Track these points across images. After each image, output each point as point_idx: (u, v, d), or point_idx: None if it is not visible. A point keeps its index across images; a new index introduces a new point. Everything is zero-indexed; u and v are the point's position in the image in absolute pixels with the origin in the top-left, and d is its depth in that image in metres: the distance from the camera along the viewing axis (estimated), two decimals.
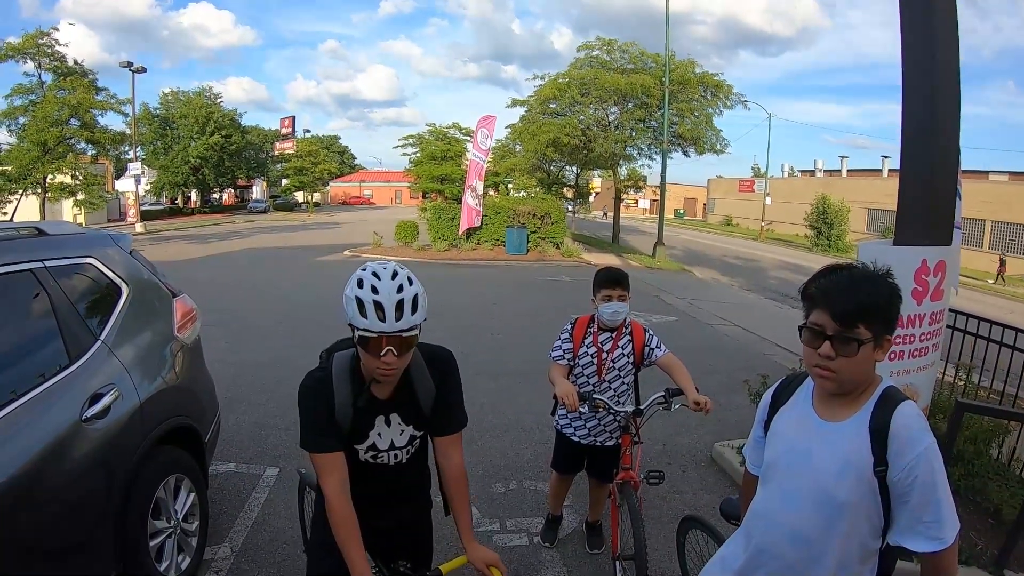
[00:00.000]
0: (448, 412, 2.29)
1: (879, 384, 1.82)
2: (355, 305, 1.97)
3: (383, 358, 1.98)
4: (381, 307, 1.95)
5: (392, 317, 1.95)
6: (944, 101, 3.83)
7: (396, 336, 1.97)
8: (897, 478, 1.69)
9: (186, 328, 4.07)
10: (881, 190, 42.59)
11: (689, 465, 5.59)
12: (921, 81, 3.86)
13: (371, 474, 2.24)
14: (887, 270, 1.80)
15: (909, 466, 1.67)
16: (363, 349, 2.01)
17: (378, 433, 2.20)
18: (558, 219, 25.49)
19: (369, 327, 1.95)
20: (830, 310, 1.73)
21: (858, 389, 1.81)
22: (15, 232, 3.25)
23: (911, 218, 3.93)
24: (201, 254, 23.84)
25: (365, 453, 2.22)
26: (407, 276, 2.05)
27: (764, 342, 11.17)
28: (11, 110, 30.68)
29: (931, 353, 4.01)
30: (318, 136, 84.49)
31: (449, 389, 2.29)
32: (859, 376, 1.77)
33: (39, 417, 2.68)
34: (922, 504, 1.67)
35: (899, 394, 1.80)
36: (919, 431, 1.71)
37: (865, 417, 1.77)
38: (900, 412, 1.73)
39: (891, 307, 1.76)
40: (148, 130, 51.69)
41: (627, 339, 3.70)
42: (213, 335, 8.03)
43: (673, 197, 66.02)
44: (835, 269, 1.82)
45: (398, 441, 2.24)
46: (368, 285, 1.98)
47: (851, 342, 1.71)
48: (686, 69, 28.11)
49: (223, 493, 4.74)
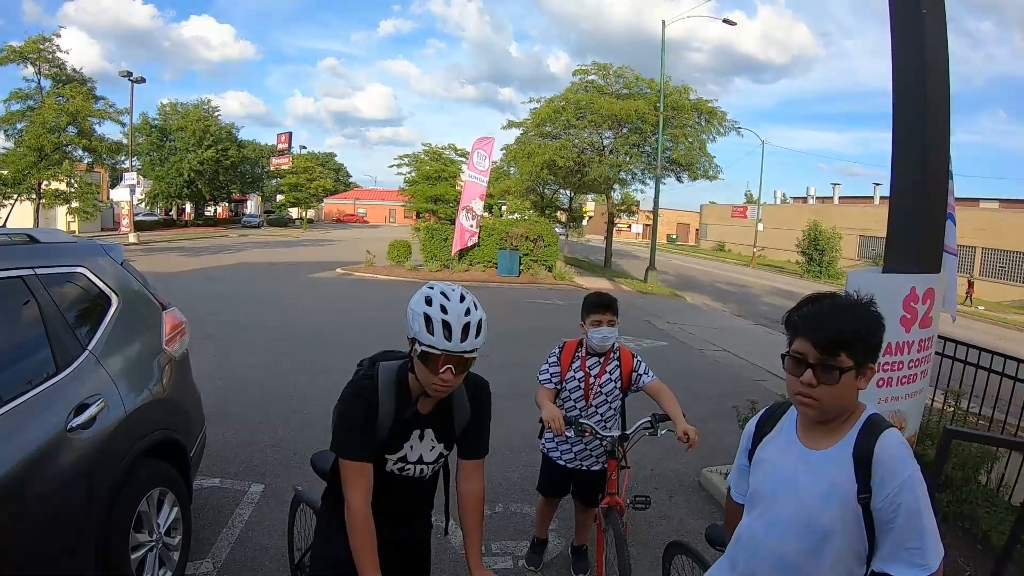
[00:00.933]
0: (478, 437, 2.38)
1: (863, 412, 1.84)
2: (423, 321, 2.04)
3: (441, 375, 2.05)
4: (449, 327, 2.02)
5: (458, 337, 2.03)
6: (934, 129, 3.87)
7: (458, 356, 2.04)
8: (881, 505, 1.69)
9: (175, 341, 4.05)
10: (872, 217, 42.97)
11: (676, 490, 5.58)
12: (912, 109, 3.89)
13: (392, 486, 2.28)
14: (870, 298, 1.82)
15: (893, 493, 1.68)
16: (422, 364, 2.07)
17: (411, 446, 2.27)
18: (551, 242, 25.52)
19: (435, 344, 2.02)
20: (812, 338, 1.75)
21: (841, 417, 1.82)
22: (7, 238, 3.25)
23: (900, 245, 3.95)
24: (193, 267, 23.77)
25: (394, 464, 2.26)
26: (473, 301, 2.13)
27: (754, 368, 11.19)
28: (9, 115, 30.54)
29: (919, 380, 4.02)
30: (314, 152, 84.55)
31: (482, 415, 2.38)
32: (841, 404, 1.79)
33: (24, 424, 2.66)
34: (906, 531, 1.68)
35: (883, 421, 1.81)
36: (903, 459, 1.72)
37: (849, 445, 1.78)
38: (884, 440, 1.74)
39: (873, 336, 1.77)
40: (145, 140, 51.65)
41: (615, 364, 3.71)
42: (202, 349, 8.00)
43: (666, 222, 66.36)
44: (818, 298, 1.84)
45: (427, 456, 2.30)
46: (437, 304, 2.05)
47: (832, 370, 1.72)
48: (681, 95, 28.35)
49: (207, 508, 4.70)
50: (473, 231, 24.33)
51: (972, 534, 4.52)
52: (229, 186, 60.07)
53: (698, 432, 3.33)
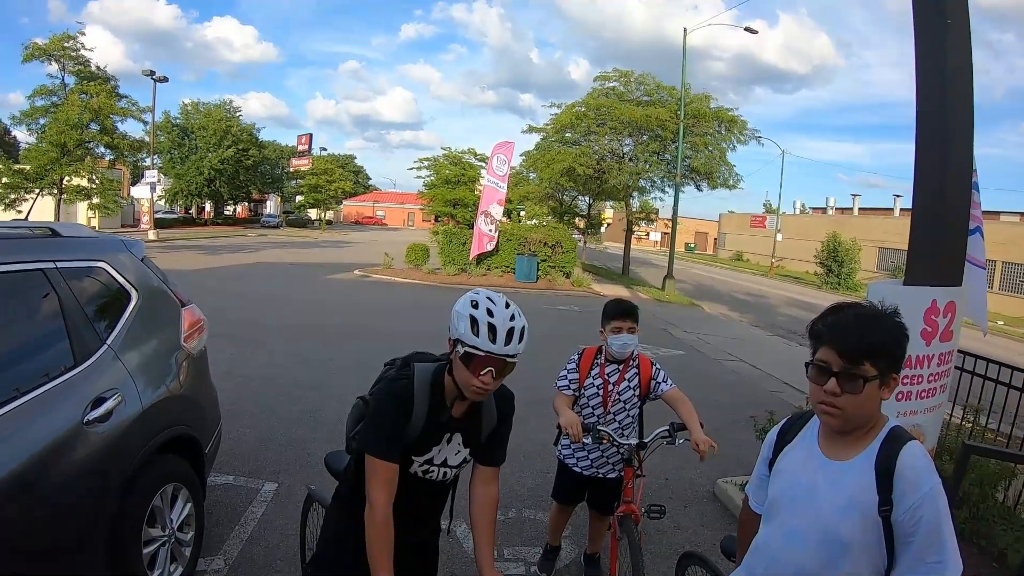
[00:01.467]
0: (499, 445, 2.42)
1: (885, 423, 1.82)
2: (468, 322, 2.08)
3: (482, 377, 2.09)
4: (494, 330, 2.07)
5: (503, 340, 2.08)
6: (957, 141, 3.83)
7: (500, 359, 2.09)
8: (902, 518, 1.67)
9: (193, 338, 4.07)
10: (892, 229, 42.61)
11: (691, 500, 5.53)
12: (935, 120, 3.86)
13: (413, 488, 2.28)
14: (894, 309, 1.81)
15: (914, 507, 1.66)
16: (463, 365, 2.10)
17: (438, 449, 2.28)
18: (569, 248, 25.48)
19: (479, 345, 2.05)
20: (836, 347, 1.73)
21: (864, 427, 1.80)
22: (29, 231, 3.27)
23: (922, 258, 3.91)
24: (211, 265, 23.95)
25: (419, 466, 2.27)
26: (517, 308, 2.18)
27: (771, 379, 11.11)
28: (33, 111, 30.82)
29: (939, 394, 3.98)
30: (334, 154, 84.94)
31: (506, 425, 2.42)
32: (864, 414, 1.77)
33: (40, 416, 2.67)
34: (926, 545, 1.66)
35: (905, 434, 1.80)
36: (925, 472, 1.70)
37: (871, 456, 1.76)
38: (906, 452, 1.72)
39: (897, 346, 1.76)
40: (166, 139, 52.10)
41: (634, 372, 3.68)
42: (219, 346, 8.02)
43: (684, 231, 66.24)
44: (842, 307, 1.84)
45: (451, 460, 2.33)
46: (484, 308, 2.10)
47: (856, 379, 1.71)
48: (701, 103, 28.24)
49: (220, 505, 4.71)
50: (492, 236, 24.34)
51: (988, 551, 4.45)
52: (249, 186, 60.43)
53: (713, 444, 3.29)
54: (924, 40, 3.89)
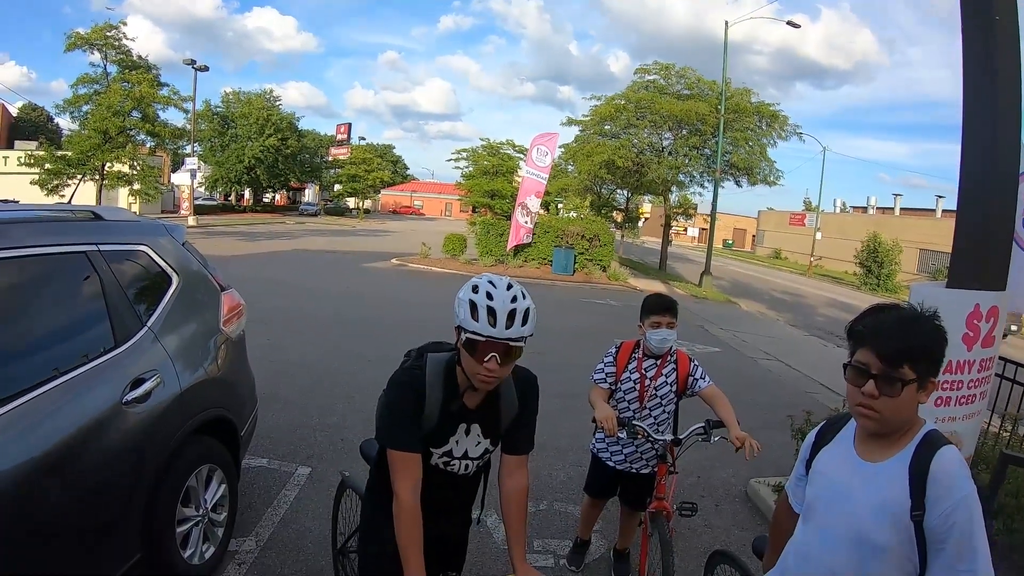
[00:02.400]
0: (524, 433, 2.35)
1: (922, 427, 1.80)
2: (468, 308, 2.02)
3: (486, 364, 2.02)
4: (494, 313, 2.00)
5: (503, 324, 2.00)
6: (1004, 147, 3.74)
7: (503, 343, 2.01)
8: (934, 524, 1.65)
9: (232, 322, 4.12)
10: (934, 231, 41.70)
11: (723, 499, 5.48)
12: (981, 119, 3.77)
13: (435, 480, 2.25)
14: (934, 311, 1.78)
15: (947, 512, 1.63)
16: (468, 353, 2.04)
17: (456, 441, 2.24)
18: (606, 242, 25.36)
19: (479, 330, 1.99)
20: (876, 349, 1.71)
21: (900, 430, 1.78)
22: (72, 215, 3.33)
23: (965, 261, 3.84)
24: (250, 251, 24.27)
25: (439, 458, 2.24)
26: (521, 290, 2.09)
27: (807, 380, 10.95)
28: (76, 99, 31.40)
29: (978, 401, 3.89)
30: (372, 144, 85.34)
31: (529, 411, 2.34)
32: (901, 417, 1.75)
33: (81, 395, 2.72)
34: (958, 552, 1.63)
35: (941, 438, 1.77)
36: (960, 478, 1.67)
37: (906, 459, 1.74)
38: (941, 457, 1.70)
39: (937, 349, 1.73)
40: (207, 127, 52.83)
41: (671, 367, 3.65)
42: (257, 331, 8.12)
43: (723, 227, 65.59)
44: (882, 308, 1.81)
45: (472, 452, 2.28)
46: (484, 291, 2.04)
47: (895, 382, 1.69)
48: (742, 98, 27.91)
49: (254, 487, 4.77)
50: (528, 228, 24.28)
51: (1022, 565, 4.33)
52: (288, 174, 61.04)
53: (754, 443, 3.23)
54: (971, 38, 3.81)
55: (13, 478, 2.34)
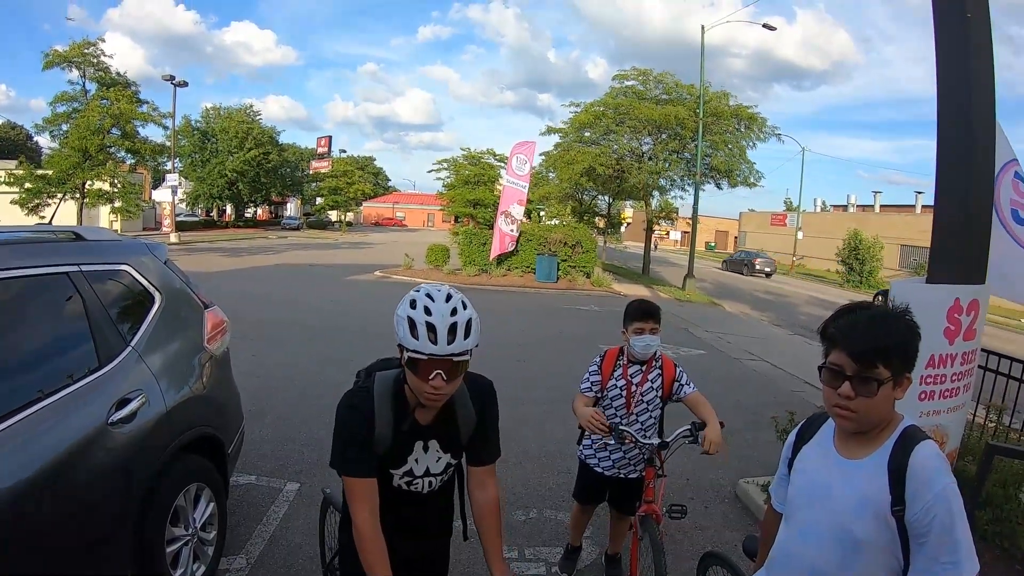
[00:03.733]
0: (486, 442, 2.26)
1: (899, 422, 1.81)
2: (406, 325, 1.92)
3: (431, 382, 1.93)
4: (433, 329, 1.90)
5: (444, 340, 1.90)
6: (979, 142, 3.79)
7: (447, 360, 1.92)
8: (915, 518, 1.67)
9: (216, 340, 4.10)
10: (914, 226, 42.13)
11: (712, 501, 5.50)
12: (956, 116, 3.83)
13: (402, 501, 2.21)
14: (905, 308, 1.81)
15: (927, 506, 1.65)
16: (411, 372, 1.95)
17: (415, 459, 2.16)
18: (589, 248, 25.41)
19: (420, 349, 1.90)
20: (849, 350, 1.72)
21: (878, 427, 1.80)
22: (52, 235, 3.32)
23: (944, 256, 3.87)
24: (232, 267, 24.13)
25: (400, 479, 2.17)
26: (461, 300, 1.99)
27: (792, 378, 11.03)
28: (55, 117, 31.25)
29: (962, 394, 3.93)
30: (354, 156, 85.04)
31: (490, 419, 2.26)
32: (879, 415, 1.76)
33: (66, 417, 2.70)
34: (939, 545, 1.65)
35: (919, 433, 1.79)
36: (937, 471, 1.69)
37: (884, 455, 1.76)
38: (919, 452, 1.72)
39: (910, 346, 1.75)
40: (187, 142, 52.61)
41: (657, 373, 3.67)
42: (242, 347, 8.09)
43: (705, 229, 65.77)
44: (854, 308, 1.82)
45: (434, 468, 2.20)
46: (421, 306, 1.93)
47: (871, 382, 1.70)
48: (720, 101, 28.12)
49: (242, 505, 4.75)
50: (513, 236, 24.30)
51: (1012, 554, 4.38)
52: (269, 188, 60.86)
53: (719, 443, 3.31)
54: (944, 34, 3.86)
55: (1, 500, 2.32)
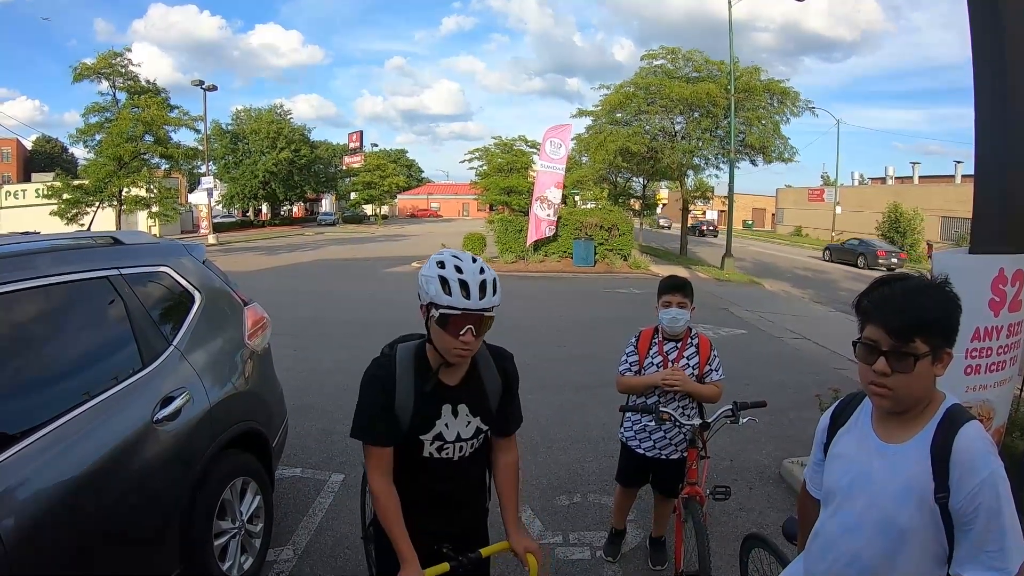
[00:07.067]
0: (510, 410, 2.37)
1: (942, 402, 1.73)
2: (438, 284, 2.03)
3: (462, 337, 2.04)
4: (466, 286, 2.03)
5: (476, 295, 2.03)
6: (1018, 102, 3.67)
7: (478, 315, 2.04)
8: (960, 505, 1.59)
9: (256, 336, 4.16)
10: (954, 197, 41.12)
11: (756, 482, 5.45)
12: (992, 82, 3.72)
13: (435, 471, 2.25)
14: (944, 278, 1.71)
15: (972, 493, 1.58)
16: (441, 329, 2.05)
17: (445, 423, 2.22)
18: (625, 231, 25.28)
19: (454, 304, 2.01)
20: (884, 324, 1.65)
21: (918, 407, 1.72)
22: (92, 241, 3.39)
23: (986, 225, 3.78)
24: (271, 265, 24.48)
25: (431, 445, 2.22)
26: (483, 262, 2.14)
27: (835, 356, 10.83)
28: (88, 128, 32.02)
29: (1009, 367, 3.82)
30: (385, 150, 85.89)
31: (512, 387, 2.36)
32: (917, 393, 1.68)
33: (112, 417, 2.77)
34: (985, 533, 1.58)
35: (963, 414, 1.70)
36: (983, 455, 1.61)
37: (927, 439, 1.68)
38: (963, 435, 1.64)
39: (950, 319, 1.65)
40: (220, 145, 53.36)
41: (693, 350, 3.64)
42: (283, 343, 8.19)
43: (741, 207, 64.99)
44: (888, 280, 1.73)
45: (464, 433, 2.25)
46: (452, 265, 2.06)
47: (907, 357, 1.62)
48: (751, 76, 27.58)
49: (288, 497, 4.82)
50: (551, 220, 24.19)
51: None
52: (303, 186, 61.53)
53: None
54: None
55: (53, 500, 2.39)
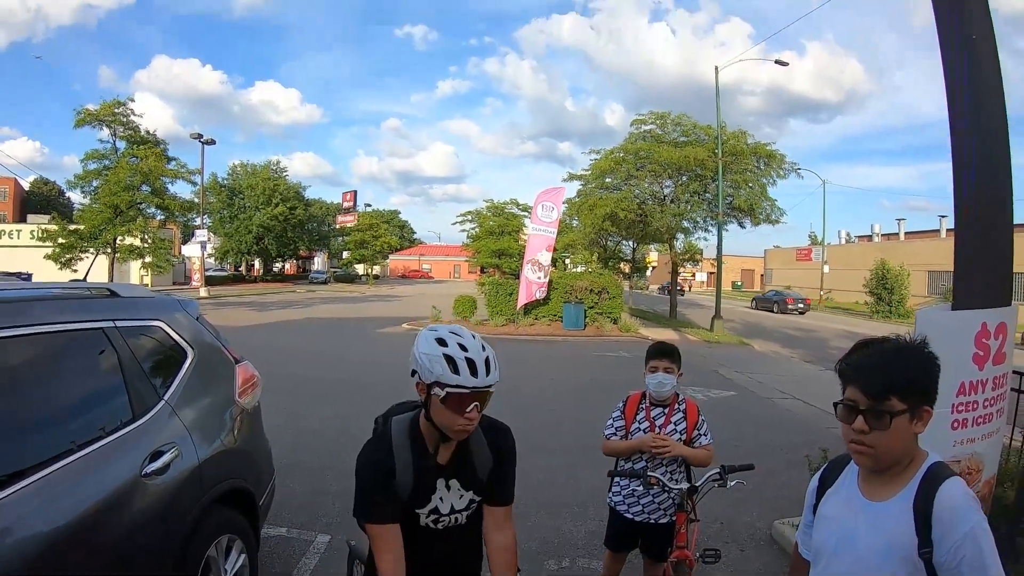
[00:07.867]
0: (504, 482, 2.32)
1: (924, 460, 1.79)
2: (444, 363, 2.01)
3: (467, 414, 2.04)
4: (473, 364, 2.02)
5: (483, 373, 2.03)
6: (994, 162, 3.78)
7: (484, 392, 2.05)
8: (943, 560, 1.64)
9: (247, 394, 4.16)
10: (940, 252, 41.71)
11: (748, 544, 5.40)
12: (969, 137, 3.81)
13: (431, 542, 2.24)
14: (922, 339, 1.80)
15: (955, 546, 1.62)
16: (445, 407, 2.03)
17: (440, 497, 2.22)
18: (615, 294, 25.38)
19: (463, 383, 2.00)
20: (861, 386, 1.73)
21: (899, 465, 1.78)
22: (89, 292, 3.42)
23: (968, 280, 3.82)
24: (262, 321, 24.42)
25: (427, 517, 2.21)
26: (480, 337, 2.14)
27: (825, 415, 10.79)
28: (86, 174, 32.31)
29: (996, 419, 3.85)
30: (379, 210, 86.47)
31: (507, 460, 2.32)
32: (896, 451, 1.74)
33: (101, 468, 2.76)
34: None
35: (945, 470, 1.76)
36: (965, 509, 1.66)
37: (909, 496, 1.73)
38: (944, 491, 1.69)
39: (926, 377, 1.75)
40: (216, 199, 53.76)
41: (680, 415, 3.66)
42: (274, 401, 8.13)
43: (730, 269, 65.42)
44: (867, 344, 1.83)
45: (458, 505, 2.25)
46: (455, 343, 2.05)
47: (883, 415, 1.70)
48: (738, 140, 28.05)
49: (274, 557, 4.76)
50: (542, 283, 24.22)
51: None
52: (296, 243, 61.93)
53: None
54: (951, 58, 3.86)
55: (37, 550, 2.37)
